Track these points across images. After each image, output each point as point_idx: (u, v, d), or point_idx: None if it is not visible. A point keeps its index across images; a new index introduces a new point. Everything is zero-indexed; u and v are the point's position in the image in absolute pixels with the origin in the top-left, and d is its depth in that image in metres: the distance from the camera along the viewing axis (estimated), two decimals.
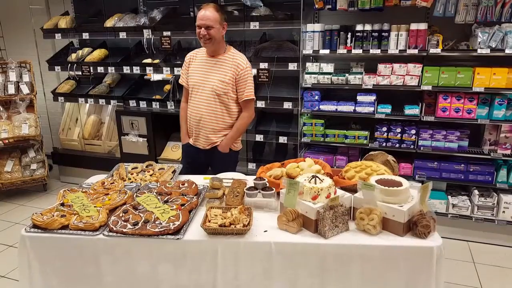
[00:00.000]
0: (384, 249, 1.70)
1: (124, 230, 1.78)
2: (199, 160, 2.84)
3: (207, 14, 2.56)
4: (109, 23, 4.33)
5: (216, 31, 2.58)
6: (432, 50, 3.25)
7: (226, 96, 2.70)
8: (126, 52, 4.56)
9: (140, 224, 1.81)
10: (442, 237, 1.76)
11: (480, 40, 3.15)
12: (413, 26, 3.27)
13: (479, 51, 3.14)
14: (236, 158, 2.97)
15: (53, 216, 1.89)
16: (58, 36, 4.60)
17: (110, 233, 1.79)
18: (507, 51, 3.07)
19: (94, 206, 1.98)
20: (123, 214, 1.90)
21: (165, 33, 3.99)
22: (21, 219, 3.99)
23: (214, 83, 2.68)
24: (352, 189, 2.01)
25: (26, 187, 4.59)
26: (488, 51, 3.12)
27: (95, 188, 2.24)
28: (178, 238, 1.75)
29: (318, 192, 1.81)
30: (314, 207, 1.77)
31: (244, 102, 2.75)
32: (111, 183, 2.29)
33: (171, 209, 1.91)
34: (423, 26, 3.26)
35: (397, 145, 3.51)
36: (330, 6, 3.50)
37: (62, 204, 2.02)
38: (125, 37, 4.26)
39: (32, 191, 4.71)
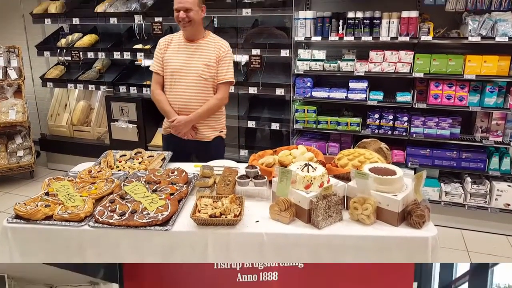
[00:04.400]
0: (379, 240, 1.66)
1: (111, 220, 1.72)
2: (184, 149, 2.70)
3: None
4: (100, 8, 4.23)
5: (195, 13, 2.49)
6: (423, 38, 3.22)
7: (213, 79, 2.61)
8: (117, 37, 4.45)
9: (127, 215, 1.75)
10: (435, 225, 1.73)
11: (471, 28, 3.12)
12: (404, 14, 3.24)
13: (469, 39, 3.12)
14: (223, 146, 2.87)
15: (37, 206, 1.83)
16: (47, 21, 4.49)
17: (96, 224, 1.73)
18: (497, 39, 3.04)
19: (80, 196, 1.92)
20: (110, 204, 1.84)
21: (156, 19, 3.91)
22: (6, 207, 3.90)
23: (199, 67, 2.58)
24: (345, 177, 1.97)
25: (12, 174, 4.49)
26: (478, 39, 3.09)
27: (81, 177, 2.18)
28: (166, 229, 1.70)
29: (311, 181, 1.77)
30: (307, 196, 1.72)
31: (222, 85, 2.63)
32: (98, 172, 2.23)
33: (159, 199, 1.85)
34: (414, 13, 3.22)
35: (389, 132, 3.49)
36: None
37: (47, 193, 1.96)
38: (116, 22, 4.17)
39: (19, 178, 4.61)
